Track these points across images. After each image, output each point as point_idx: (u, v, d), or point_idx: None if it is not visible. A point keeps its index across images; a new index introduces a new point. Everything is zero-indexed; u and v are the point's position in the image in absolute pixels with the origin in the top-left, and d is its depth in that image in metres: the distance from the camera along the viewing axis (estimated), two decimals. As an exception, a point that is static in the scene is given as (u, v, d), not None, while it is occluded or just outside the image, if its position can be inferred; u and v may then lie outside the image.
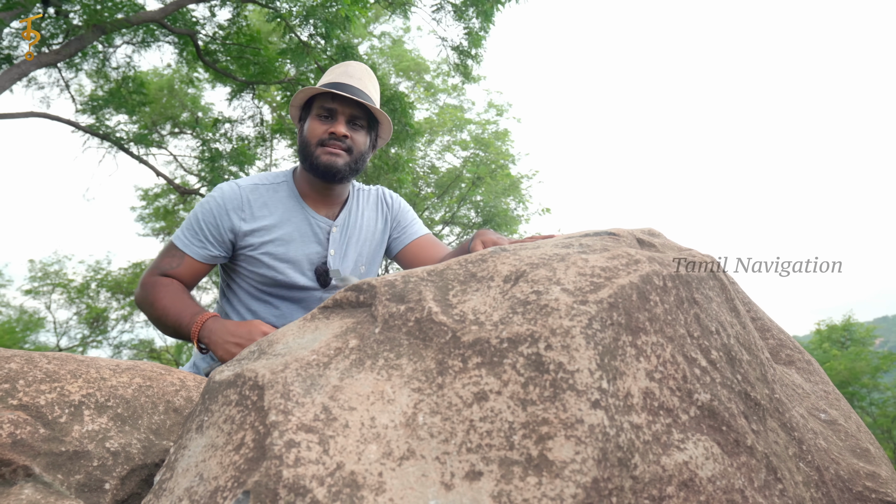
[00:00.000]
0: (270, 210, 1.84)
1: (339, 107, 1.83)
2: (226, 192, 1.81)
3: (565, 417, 0.73)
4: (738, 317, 1.10)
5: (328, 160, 1.80)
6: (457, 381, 0.79)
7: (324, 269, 1.89)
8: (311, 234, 1.88)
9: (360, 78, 1.90)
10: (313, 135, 1.82)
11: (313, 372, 0.82)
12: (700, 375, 0.90)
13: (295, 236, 1.85)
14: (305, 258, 1.87)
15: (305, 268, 1.87)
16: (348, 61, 1.93)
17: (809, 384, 1.34)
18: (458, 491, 0.71)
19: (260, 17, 10.34)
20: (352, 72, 1.90)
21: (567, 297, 0.84)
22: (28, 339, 16.34)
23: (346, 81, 1.87)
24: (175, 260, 1.76)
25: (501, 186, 14.18)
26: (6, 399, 0.96)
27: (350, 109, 1.84)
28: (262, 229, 1.81)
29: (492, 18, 7.81)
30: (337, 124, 1.81)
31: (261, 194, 1.84)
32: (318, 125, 1.83)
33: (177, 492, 0.79)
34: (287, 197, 1.87)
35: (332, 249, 1.90)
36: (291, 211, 1.86)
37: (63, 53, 6.91)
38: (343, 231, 1.93)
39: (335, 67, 1.94)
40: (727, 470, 0.85)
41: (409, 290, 0.91)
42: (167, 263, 1.76)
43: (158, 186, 14.24)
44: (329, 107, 1.83)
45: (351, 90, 1.84)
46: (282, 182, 1.90)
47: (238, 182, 1.86)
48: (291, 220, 1.85)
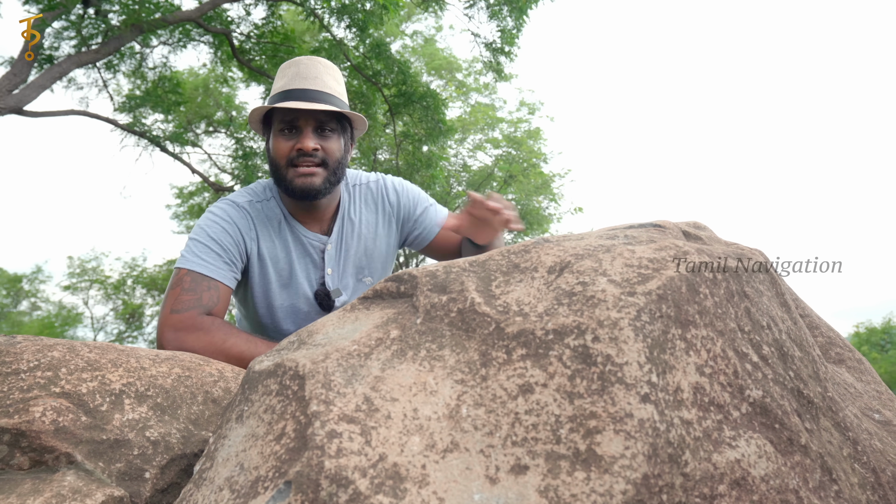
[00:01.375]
0: (267, 230, 1.68)
1: (300, 118, 1.62)
2: (231, 213, 1.63)
3: (614, 411, 0.71)
4: (789, 312, 1.07)
5: (303, 183, 1.61)
6: (501, 373, 0.77)
7: (324, 292, 1.74)
8: (304, 254, 1.72)
9: (315, 77, 1.66)
10: (280, 154, 1.62)
11: (354, 362, 0.81)
12: (751, 371, 0.87)
13: (292, 259, 1.70)
14: (306, 281, 1.73)
15: (307, 293, 1.73)
16: (297, 58, 1.71)
17: (861, 384, 1.30)
18: (504, 485, 0.69)
19: (294, 16, 10.43)
20: (304, 71, 1.67)
21: (614, 289, 0.82)
22: (66, 334, 16.73)
23: (301, 86, 1.64)
24: (213, 293, 1.53)
25: (533, 185, 14.12)
26: (49, 387, 0.97)
27: (314, 116, 1.62)
28: (262, 253, 1.66)
29: (526, 15, 7.76)
30: (303, 138, 1.61)
31: (258, 212, 1.68)
32: (283, 142, 1.62)
33: (217, 481, 0.79)
34: (277, 215, 1.70)
35: (329, 268, 1.74)
36: (283, 231, 1.70)
37: (102, 53, 7.04)
38: (338, 246, 1.76)
39: (285, 67, 1.71)
40: (781, 469, 0.81)
41: (450, 281, 0.89)
42: (208, 299, 1.51)
43: (193, 185, 14.47)
44: (289, 120, 1.62)
45: (308, 95, 1.62)
46: (270, 199, 1.71)
47: (234, 200, 1.67)
48: (285, 243, 1.70)
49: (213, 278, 1.54)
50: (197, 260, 1.54)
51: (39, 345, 1.05)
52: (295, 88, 1.63)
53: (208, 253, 1.56)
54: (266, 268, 1.68)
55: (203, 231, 1.59)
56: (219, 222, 1.61)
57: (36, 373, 0.99)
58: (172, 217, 15.19)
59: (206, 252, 1.56)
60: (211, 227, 1.60)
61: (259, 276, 1.68)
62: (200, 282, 1.52)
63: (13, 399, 0.94)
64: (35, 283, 17.95)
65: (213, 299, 1.52)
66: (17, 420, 0.91)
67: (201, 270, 1.53)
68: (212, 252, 1.56)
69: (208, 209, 1.67)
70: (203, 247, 1.56)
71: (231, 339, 1.45)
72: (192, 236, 1.60)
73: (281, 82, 1.68)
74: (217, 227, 1.60)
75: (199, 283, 1.52)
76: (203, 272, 1.53)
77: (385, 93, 8.10)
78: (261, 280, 1.69)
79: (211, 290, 1.52)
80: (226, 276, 1.57)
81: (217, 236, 1.58)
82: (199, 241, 1.57)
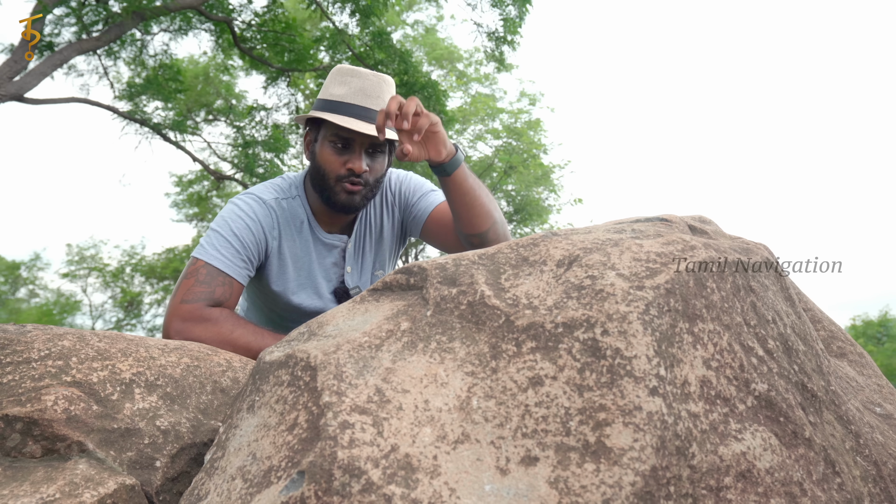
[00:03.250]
0: (290, 229, 1.68)
1: (355, 137, 1.59)
2: (257, 210, 1.62)
3: (623, 404, 0.72)
4: (793, 306, 1.08)
5: (346, 200, 1.61)
6: (511, 366, 0.78)
7: (343, 290, 1.76)
8: (326, 254, 1.74)
9: (377, 96, 1.63)
10: (330, 168, 1.61)
11: (365, 354, 0.81)
12: (757, 365, 0.88)
13: (312, 258, 1.72)
14: (325, 280, 1.74)
15: (325, 291, 1.75)
16: (361, 69, 1.68)
17: (863, 377, 1.31)
18: (514, 476, 0.70)
19: (295, 4, 10.39)
20: (368, 89, 1.63)
21: (623, 283, 0.82)
22: (65, 321, 16.75)
23: (364, 104, 1.60)
24: (226, 289, 1.53)
25: (533, 176, 14.12)
26: (60, 375, 0.97)
27: (370, 138, 1.60)
28: (283, 251, 1.67)
29: (529, 3, 7.73)
30: (356, 159, 1.59)
31: (283, 210, 1.67)
32: (334, 157, 1.61)
33: (229, 470, 0.79)
34: (300, 214, 1.71)
35: (349, 266, 1.77)
36: (304, 231, 1.71)
37: (103, 40, 7.02)
38: (357, 245, 1.79)
39: (346, 75, 1.66)
40: (785, 462, 0.82)
41: (460, 274, 0.90)
42: (221, 293, 1.52)
43: (193, 173, 14.46)
44: (345, 136, 1.60)
45: (369, 116, 1.59)
46: (295, 197, 1.71)
47: (261, 196, 1.66)
48: (306, 242, 1.71)
49: (228, 274, 1.54)
50: (216, 253, 1.54)
51: (50, 334, 1.06)
52: (357, 105, 1.60)
53: (228, 248, 1.55)
54: (286, 266, 1.68)
55: (226, 224, 1.58)
56: (243, 217, 1.60)
57: (47, 362, 0.99)
58: (172, 205, 15.19)
59: (227, 247, 1.55)
60: (235, 222, 1.59)
61: (278, 273, 1.69)
62: (216, 276, 1.52)
63: (25, 388, 0.95)
64: (33, 270, 17.96)
65: (225, 294, 1.52)
66: (29, 409, 0.92)
67: (218, 265, 1.54)
68: (231, 247, 1.56)
69: (234, 200, 1.65)
70: (224, 241, 1.56)
71: (238, 330, 1.46)
72: (213, 227, 1.60)
73: (341, 90, 1.63)
74: (241, 222, 1.59)
75: (215, 278, 1.52)
76: (220, 267, 1.53)
77: (386, 82, 8.07)
78: (279, 278, 1.69)
79: (224, 286, 1.53)
80: (241, 273, 1.57)
81: (239, 232, 1.57)
82: (220, 234, 1.57)
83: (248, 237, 1.58)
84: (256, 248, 1.61)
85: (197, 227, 15.46)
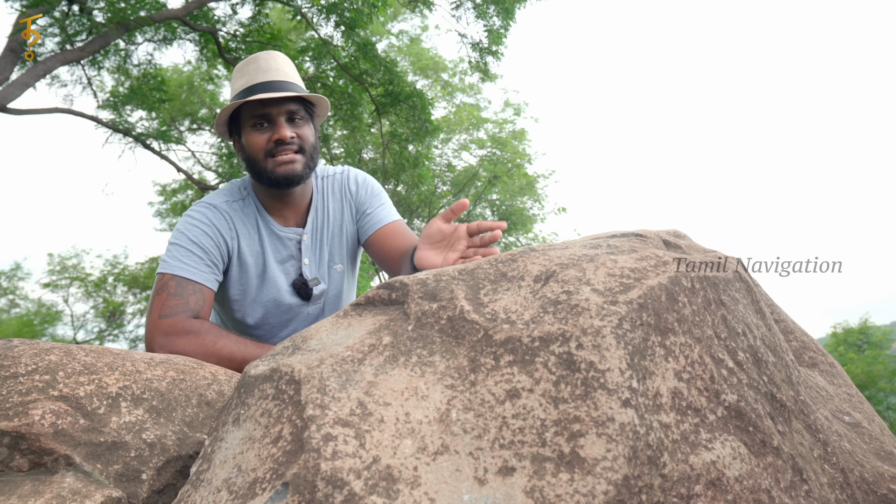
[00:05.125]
0: (245, 228, 1.71)
1: (272, 109, 1.65)
2: (210, 216, 1.65)
3: (597, 415, 0.75)
4: (764, 319, 1.11)
5: (285, 170, 1.65)
6: (489, 379, 0.80)
7: (302, 282, 1.76)
8: (282, 247, 1.75)
9: (276, 69, 1.70)
10: (257, 148, 1.65)
11: (348, 368, 0.84)
12: (727, 376, 0.91)
13: (267, 253, 1.73)
14: (283, 274, 1.75)
15: (283, 284, 1.75)
16: (253, 55, 1.75)
17: (833, 387, 1.35)
18: (492, 486, 0.72)
19: (280, 15, 10.41)
20: (265, 65, 1.70)
21: (597, 298, 0.85)
22: (46, 332, 16.55)
23: (265, 79, 1.67)
24: (199, 296, 1.55)
25: (517, 186, 14.19)
26: (47, 390, 0.99)
27: (284, 106, 1.66)
28: (242, 251, 1.69)
29: (513, 16, 7.81)
30: (279, 129, 1.64)
31: (236, 211, 1.70)
32: (258, 136, 1.66)
33: (215, 482, 0.81)
34: (253, 212, 1.73)
35: (307, 258, 1.78)
36: (259, 227, 1.73)
37: (87, 51, 7.00)
38: (313, 235, 1.81)
39: (242, 66, 1.74)
40: (754, 470, 0.86)
41: (440, 289, 0.92)
42: (195, 302, 1.54)
43: (176, 182, 14.39)
44: (261, 113, 1.65)
45: (274, 87, 1.65)
46: (245, 198, 1.74)
47: (211, 202, 1.70)
48: (261, 238, 1.73)
49: (196, 282, 1.56)
50: (179, 264, 1.57)
51: (36, 348, 1.07)
52: (259, 83, 1.66)
53: (190, 256, 1.57)
54: (246, 265, 1.70)
55: (183, 235, 1.61)
56: (198, 225, 1.63)
57: (34, 376, 1.01)
58: (155, 214, 15.11)
59: (188, 256, 1.58)
60: (191, 231, 1.62)
61: (238, 274, 1.70)
62: (186, 286, 1.54)
63: (12, 402, 0.96)
64: (14, 280, 17.74)
65: (199, 302, 1.54)
66: (16, 423, 0.93)
67: (185, 275, 1.55)
68: (193, 255, 1.58)
69: (186, 213, 1.69)
70: (184, 251, 1.58)
71: (221, 340, 1.48)
72: (172, 241, 1.63)
73: (242, 80, 1.69)
74: (196, 230, 1.62)
75: (185, 288, 1.54)
76: (187, 276, 1.55)
77: (372, 92, 8.12)
78: (240, 278, 1.71)
79: (196, 294, 1.55)
80: (208, 278, 1.59)
81: (197, 239, 1.60)
82: (180, 246, 1.59)
83: (208, 242, 1.61)
84: (218, 252, 1.63)
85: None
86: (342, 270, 1.87)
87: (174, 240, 1.62)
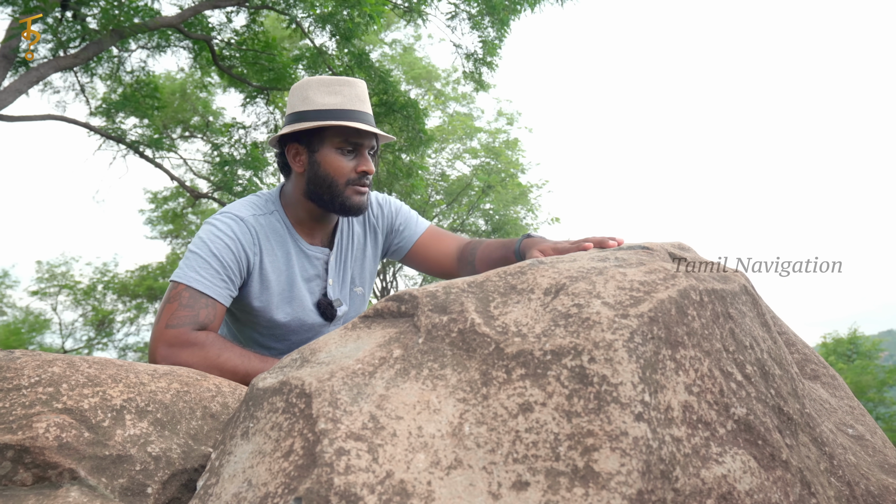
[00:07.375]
0: (270, 244, 1.68)
1: (364, 140, 1.68)
2: (235, 229, 1.62)
3: (610, 430, 0.75)
4: (769, 331, 1.11)
5: (360, 201, 1.67)
6: (501, 392, 0.80)
7: (327, 302, 1.76)
8: (308, 266, 1.74)
9: (365, 100, 1.73)
10: (341, 173, 1.66)
11: (359, 381, 0.83)
12: (736, 390, 0.91)
13: (294, 272, 1.72)
14: (308, 293, 1.74)
15: (308, 303, 1.74)
16: (347, 78, 1.74)
17: (835, 399, 1.35)
18: (506, 501, 0.72)
19: (275, 23, 10.42)
20: (360, 93, 1.71)
21: (608, 311, 0.85)
22: (34, 340, 16.40)
23: (362, 108, 1.70)
24: (210, 311, 1.52)
25: (511, 195, 14.21)
26: (51, 402, 0.98)
27: (372, 140, 1.70)
28: (264, 267, 1.67)
29: (508, 26, 7.84)
30: (366, 161, 1.68)
31: (262, 226, 1.68)
32: (344, 162, 1.66)
33: (224, 497, 0.81)
34: (280, 229, 1.72)
35: (331, 279, 1.78)
36: (286, 244, 1.72)
37: (80, 57, 6.98)
38: (338, 256, 1.80)
39: (336, 85, 1.72)
40: (764, 484, 0.86)
41: (450, 301, 0.92)
42: (205, 316, 1.51)
43: (168, 189, 14.34)
44: (355, 141, 1.67)
45: (368, 119, 1.69)
46: (273, 212, 1.72)
47: (238, 214, 1.66)
48: (288, 256, 1.71)
49: (210, 296, 1.54)
50: (196, 276, 1.54)
51: (39, 360, 1.06)
52: (357, 111, 1.68)
53: (208, 269, 1.55)
54: (268, 282, 1.68)
55: (205, 245, 1.58)
56: (221, 237, 1.59)
57: (37, 388, 1.00)
58: (146, 222, 15.01)
59: (206, 268, 1.55)
60: (213, 242, 1.58)
61: (259, 290, 1.68)
62: (199, 299, 1.52)
63: (16, 415, 0.95)
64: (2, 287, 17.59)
65: (209, 316, 1.51)
66: (20, 436, 0.92)
67: (200, 288, 1.53)
68: (211, 268, 1.55)
69: (210, 221, 1.65)
70: (203, 262, 1.55)
71: (225, 353, 1.46)
72: (192, 249, 1.59)
73: (334, 99, 1.68)
74: (220, 242, 1.58)
75: (198, 300, 1.52)
76: (201, 289, 1.53)
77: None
78: (261, 294, 1.69)
79: (208, 308, 1.52)
80: (222, 294, 1.56)
81: (218, 252, 1.57)
82: (199, 256, 1.56)
83: (228, 256, 1.58)
84: (237, 267, 1.60)
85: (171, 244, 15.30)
86: (362, 293, 1.87)
87: (195, 248, 1.59)
